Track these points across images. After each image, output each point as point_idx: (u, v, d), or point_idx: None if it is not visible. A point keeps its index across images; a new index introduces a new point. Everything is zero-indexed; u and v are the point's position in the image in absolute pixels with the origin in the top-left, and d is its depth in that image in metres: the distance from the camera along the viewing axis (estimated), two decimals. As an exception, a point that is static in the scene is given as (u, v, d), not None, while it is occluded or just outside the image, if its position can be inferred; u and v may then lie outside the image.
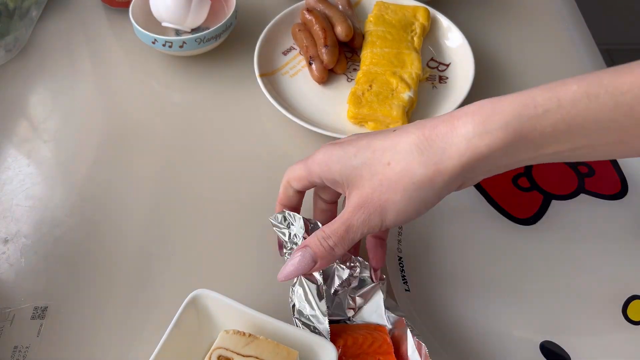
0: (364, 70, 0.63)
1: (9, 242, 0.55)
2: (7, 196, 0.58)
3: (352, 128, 0.62)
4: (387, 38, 0.66)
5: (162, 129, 0.64)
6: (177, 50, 0.66)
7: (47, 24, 0.75)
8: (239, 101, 0.66)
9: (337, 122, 0.62)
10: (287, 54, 0.69)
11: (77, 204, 0.58)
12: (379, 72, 0.63)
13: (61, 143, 0.63)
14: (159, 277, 0.52)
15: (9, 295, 0.51)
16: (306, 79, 0.67)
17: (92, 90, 0.69)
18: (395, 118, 0.59)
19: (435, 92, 0.65)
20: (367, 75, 0.62)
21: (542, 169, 0.56)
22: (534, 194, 0.55)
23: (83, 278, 0.52)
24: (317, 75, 0.65)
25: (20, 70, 0.70)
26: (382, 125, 0.60)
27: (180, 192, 0.57)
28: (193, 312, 0.43)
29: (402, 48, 0.65)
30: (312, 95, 0.65)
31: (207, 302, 0.43)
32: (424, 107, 0.63)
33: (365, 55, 0.65)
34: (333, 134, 0.59)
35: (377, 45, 0.65)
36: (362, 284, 0.46)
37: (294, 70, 0.68)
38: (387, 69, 0.63)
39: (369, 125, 0.61)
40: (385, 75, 0.62)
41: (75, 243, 0.55)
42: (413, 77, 0.62)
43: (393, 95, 0.60)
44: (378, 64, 0.63)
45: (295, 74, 0.67)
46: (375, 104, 0.60)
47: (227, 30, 0.68)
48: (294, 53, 0.69)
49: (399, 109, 0.59)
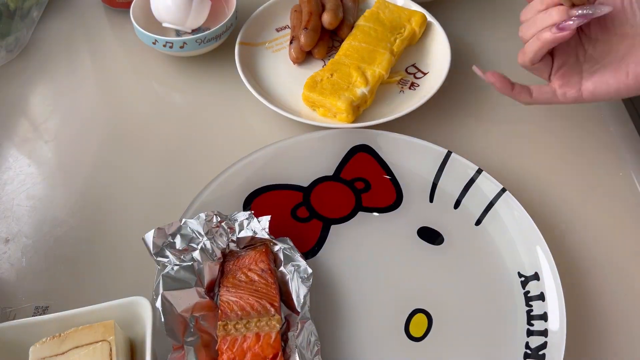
0: (334, 59, 0.64)
1: (10, 241, 0.55)
2: (8, 196, 0.58)
3: (306, 110, 0.63)
4: (371, 34, 0.66)
5: (163, 129, 0.64)
6: (177, 50, 0.66)
7: (48, 24, 0.75)
8: (240, 101, 0.66)
9: (295, 104, 0.63)
10: (280, 31, 0.71)
11: (78, 204, 0.58)
12: (345, 63, 0.64)
13: (62, 143, 0.63)
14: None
15: (10, 294, 0.51)
16: (285, 57, 0.68)
17: (93, 90, 0.69)
18: (339, 109, 0.60)
19: (400, 97, 0.64)
20: (334, 64, 0.64)
21: (320, 194, 0.56)
22: (314, 223, 0.54)
23: (84, 278, 0.53)
24: (293, 55, 0.67)
25: (21, 70, 0.70)
26: (330, 113, 0.61)
27: (181, 192, 0.57)
28: None
29: (379, 47, 0.65)
30: (285, 73, 0.67)
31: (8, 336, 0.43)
32: (382, 107, 0.63)
33: (343, 46, 0.66)
34: (286, 113, 0.60)
35: (358, 39, 0.66)
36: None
37: (279, 47, 0.69)
38: (355, 62, 0.63)
39: (319, 111, 0.62)
40: (350, 67, 0.63)
41: (76, 243, 0.55)
42: (375, 76, 0.62)
43: (348, 88, 0.61)
44: (350, 56, 0.64)
45: (278, 50, 0.69)
46: (327, 91, 0.61)
47: (228, 30, 0.68)
48: (286, 32, 0.71)
49: (346, 102, 0.59)
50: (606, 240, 0.55)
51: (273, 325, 0.44)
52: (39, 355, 0.41)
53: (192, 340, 0.44)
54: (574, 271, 0.52)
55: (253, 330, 0.44)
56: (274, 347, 0.43)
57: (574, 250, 0.54)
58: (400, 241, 0.53)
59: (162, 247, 0.47)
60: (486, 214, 0.54)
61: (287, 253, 0.49)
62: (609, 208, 0.57)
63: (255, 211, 0.50)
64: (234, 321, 0.44)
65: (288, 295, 0.47)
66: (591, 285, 0.52)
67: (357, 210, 0.55)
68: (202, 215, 0.49)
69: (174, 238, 0.48)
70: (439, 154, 0.57)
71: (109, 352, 0.40)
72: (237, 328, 0.44)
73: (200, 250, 0.47)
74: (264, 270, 0.47)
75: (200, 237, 0.48)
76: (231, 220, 0.49)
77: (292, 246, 0.49)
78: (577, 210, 0.56)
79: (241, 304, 0.45)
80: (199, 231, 0.48)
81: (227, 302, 0.45)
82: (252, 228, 0.49)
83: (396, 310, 0.49)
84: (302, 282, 0.47)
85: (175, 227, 0.48)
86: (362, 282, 0.51)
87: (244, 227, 0.49)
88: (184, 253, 0.47)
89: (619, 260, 0.53)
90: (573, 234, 0.55)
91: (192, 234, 0.48)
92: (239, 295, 0.46)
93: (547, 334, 0.46)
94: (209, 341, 0.45)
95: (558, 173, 0.59)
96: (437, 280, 0.51)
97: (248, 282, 0.46)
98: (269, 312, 0.44)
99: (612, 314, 0.50)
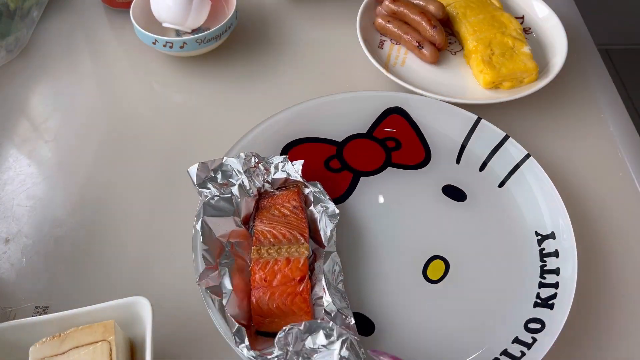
0: (475, 38, 0.65)
1: (10, 241, 0.55)
2: (8, 196, 0.58)
3: (487, 94, 0.64)
4: (472, 6, 0.68)
5: (163, 129, 0.64)
6: (177, 50, 0.66)
7: (48, 24, 0.75)
8: (240, 101, 0.66)
9: (468, 92, 0.65)
10: (382, 47, 0.70)
11: (78, 204, 0.58)
12: (489, 36, 0.65)
13: (62, 143, 0.63)
14: (160, 276, 0.52)
15: (10, 294, 0.51)
16: (416, 63, 0.69)
17: (93, 90, 0.69)
18: (530, 69, 0.62)
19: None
20: (482, 42, 0.65)
21: (353, 149, 0.60)
22: (345, 174, 0.58)
23: (84, 278, 0.53)
24: (431, 57, 0.67)
25: (21, 70, 0.70)
26: (517, 82, 0.63)
27: (181, 191, 0.57)
28: None
29: (491, 11, 0.67)
30: (431, 75, 0.67)
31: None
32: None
33: (464, 26, 0.67)
34: (472, 101, 0.61)
35: (468, 15, 0.68)
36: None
37: (400, 60, 0.69)
38: (494, 31, 0.65)
39: (504, 86, 0.64)
40: (497, 37, 0.65)
41: (76, 243, 0.55)
42: (520, 33, 0.65)
43: (515, 52, 0.63)
44: (482, 30, 0.66)
45: (403, 62, 0.69)
46: (508, 63, 0.63)
47: (228, 30, 0.68)
48: (387, 45, 0.71)
49: (531, 60, 0.63)
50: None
51: (302, 252, 0.48)
52: (39, 355, 0.41)
53: (227, 262, 0.48)
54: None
55: (284, 255, 0.48)
56: (302, 271, 0.47)
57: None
58: (425, 195, 0.57)
59: (204, 179, 0.51)
60: (510, 177, 0.57)
61: (317, 196, 0.52)
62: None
63: (291, 158, 0.53)
64: (266, 247, 0.48)
65: (316, 232, 0.51)
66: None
67: (386, 165, 0.59)
68: (242, 155, 0.53)
69: (216, 173, 0.52)
70: (469, 118, 0.60)
71: (109, 352, 0.40)
72: (270, 253, 0.48)
73: (238, 187, 0.51)
74: (295, 207, 0.51)
75: (239, 175, 0.52)
76: (268, 162, 0.53)
77: (322, 190, 0.53)
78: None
79: (274, 233, 0.49)
80: (239, 169, 0.52)
81: (262, 231, 0.49)
82: (287, 170, 0.53)
83: (416, 255, 0.53)
84: (330, 220, 0.51)
85: (217, 163, 0.52)
86: (386, 228, 0.54)
87: (279, 169, 0.53)
88: (224, 187, 0.51)
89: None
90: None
91: (231, 171, 0.52)
92: (272, 225, 0.50)
93: (557, 286, 0.49)
94: (243, 265, 0.49)
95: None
96: (457, 232, 0.54)
97: (281, 216, 0.51)
98: (299, 241, 0.48)
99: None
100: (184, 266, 0.52)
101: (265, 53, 0.71)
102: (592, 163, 0.60)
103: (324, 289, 0.47)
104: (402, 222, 0.55)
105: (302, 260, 0.47)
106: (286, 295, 0.46)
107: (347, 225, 0.53)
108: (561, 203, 0.53)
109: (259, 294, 0.46)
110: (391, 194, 0.57)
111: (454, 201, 0.56)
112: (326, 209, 0.51)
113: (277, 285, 0.46)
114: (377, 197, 0.57)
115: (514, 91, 0.63)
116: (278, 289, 0.46)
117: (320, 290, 0.47)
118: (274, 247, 0.48)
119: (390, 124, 0.61)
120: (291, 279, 0.46)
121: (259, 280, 0.46)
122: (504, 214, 0.55)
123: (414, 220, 0.55)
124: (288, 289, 0.46)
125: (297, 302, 0.46)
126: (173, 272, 0.53)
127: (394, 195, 0.57)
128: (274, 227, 0.49)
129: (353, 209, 0.56)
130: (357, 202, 0.56)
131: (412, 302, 0.50)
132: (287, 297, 0.46)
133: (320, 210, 0.51)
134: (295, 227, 0.49)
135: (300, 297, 0.46)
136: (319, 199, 0.52)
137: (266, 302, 0.46)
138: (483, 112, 0.61)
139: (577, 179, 0.59)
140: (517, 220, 0.55)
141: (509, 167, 0.57)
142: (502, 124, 0.59)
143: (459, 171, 0.58)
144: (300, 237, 0.49)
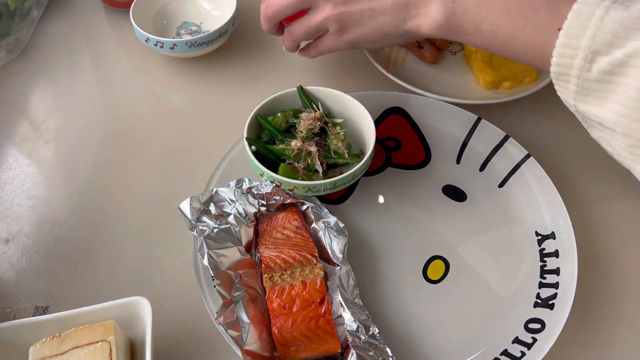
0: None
1: (10, 241, 0.55)
2: (8, 196, 0.58)
3: (487, 94, 0.64)
4: None
5: (163, 129, 0.64)
6: (168, 51, 0.66)
7: (48, 24, 0.75)
8: (240, 102, 0.66)
9: (468, 92, 0.64)
10: (383, 48, 0.70)
11: (78, 204, 0.58)
12: None
13: (62, 143, 0.63)
14: (160, 276, 0.52)
15: (10, 294, 0.51)
16: (416, 63, 0.68)
17: (93, 90, 0.69)
18: (530, 69, 0.62)
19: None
20: None
21: None
22: None
23: (84, 278, 0.53)
24: (431, 57, 0.67)
25: (21, 70, 0.70)
26: (517, 82, 0.63)
27: (181, 191, 0.57)
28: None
29: None
30: (431, 75, 0.67)
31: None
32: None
33: None
34: (472, 101, 0.61)
35: None
36: None
37: (399, 60, 0.69)
38: None
39: (504, 86, 0.63)
40: None
41: (76, 243, 0.55)
42: None
43: None
44: None
45: (403, 62, 0.69)
46: (508, 63, 0.63)
47: (222, 36, 0.67)
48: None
49: None
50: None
51: (317, 273, 0.47)
52: (39, 355, 0.41)
53: (239, 294, 0.46)
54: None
55: (298, 279, 0.46)
56: (321, 292, 0.46)
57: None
58: (425, 195, 0.57)
59: (198, 214, 0.50)
60: (510, 177, 0.57)
61: (316, 211, 0.52)
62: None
63: None
64: (278, 272, 0.47)
65: (323, 249, 0.50)
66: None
67: (386, 165, 0.59)
68: (231, 183, 0.52)
69: (208, 205, 0.51)
70: (469, 118, 0.60)
71: (109, 352, 0.40)
72: (283, 278, 0.47)
73: (234, 216, 0.50)
74: (298, 227, 0.50)
75: (232, 203, 0.51)
76: (259, 189, 0.52)
77: (319, 204, 0.52)
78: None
79: (283, 257, 0.48)
80: (231, 198, 0.51)
81: (269, 257, 0.48)
82: (279, 194, 0.52)
83: (416, 255, 0.53)
84: (335, 235, 0.50)
85: (208, 195, 0.51)
86: (384, 228, 0.54)
87: (272, 195, 0.52)
88: (220, 218, 0.50)
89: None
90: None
91: (223, 201, 0.51)
92: (280, 249, 0.48)
93: (557, 287, 0.49)
94: (255, 295, 0.47)
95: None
96: (457, 232, 0.54)
97: (285, 238, 0.49)
98: (311, 262, 0.47)
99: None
100: (184, 266, 0.52)
101: (266, 53, 0.71)
102: (593, 163, 0.60)
103: (341, 305, 0.46)
104: (402, 222, 0.55)
105: (319, 282, 0.46)
106: (309, 319, 0.44)
107: (346, 225, 0.53)
108: (561, 203, 0.53)
109: (280, 322, 0.44)
110: (391, 194, 0.57)
111: (454, 201, 0.56)
112: (328, 225, 0.51)
113: (297, 310, 0.44)
114: (377, 197, 0.57)
115: (514, 91, 0.63)
116: (299, 314, 0.44)
117: (339, 309, 0.46)
118: (287, 271, 0.47)
119: (390, 123, 0.61)
120: (311, 302, 0.45)
121: (277, 308, 0.45)
122: (504, 214, 0.55)
123: (414, 220, 0.55)
124: (310, 313, 0.44)
125: (322, 324, 0.44)
126: (173, 272, 0.53)
127: (394, 195, 0.57)
128: (282, 251, 0.48)
129: (353, 209, 0.56)
130: (357, 202, 0.56)
131: (412, 302, 0.50)
132: (310, 321, 0.44)
133: (323, 227, 0.51)
134: (304, 247, 0.48)
135: (324, 319, 0.44)
136: (319, 214, 0.52)
137: (289, 330, 0.44)
138: (483, 112, 0.61)
139: (577, 179, 0.59)
140: (517, 220, 0.55)
141: (509, 167, 0.57)
142: (502, 124, 0.59)
143: (459, 171, 0.58)
144: (311, 258, 0.47)
